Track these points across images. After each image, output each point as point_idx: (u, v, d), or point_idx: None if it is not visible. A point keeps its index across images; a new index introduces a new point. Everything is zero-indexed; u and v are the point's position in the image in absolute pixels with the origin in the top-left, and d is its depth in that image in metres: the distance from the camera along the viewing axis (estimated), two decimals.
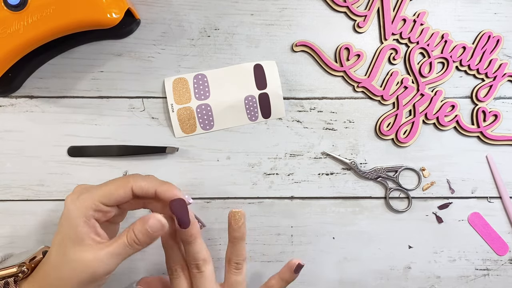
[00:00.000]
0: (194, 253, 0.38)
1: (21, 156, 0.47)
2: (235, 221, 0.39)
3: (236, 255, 0.39)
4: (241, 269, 0.40)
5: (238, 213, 0.39)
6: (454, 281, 0.49)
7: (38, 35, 0.40)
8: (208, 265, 0.38)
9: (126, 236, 0.35)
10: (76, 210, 0.35)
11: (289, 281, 0.40)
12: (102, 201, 0.35)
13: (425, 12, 0.48)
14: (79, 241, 0.35)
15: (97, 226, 0.36)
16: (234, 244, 0.39)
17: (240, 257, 0.39)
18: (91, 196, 0.35)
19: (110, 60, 0.48)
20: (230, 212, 0.39)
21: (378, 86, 0.48)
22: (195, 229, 0.37)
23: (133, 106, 0.48)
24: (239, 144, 0.48)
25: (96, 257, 0.34)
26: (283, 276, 0.40)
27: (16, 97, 0.47)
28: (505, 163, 0.49)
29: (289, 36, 0.49)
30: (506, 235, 0.49)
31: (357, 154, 0.49)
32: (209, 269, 0.39)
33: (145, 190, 0.36)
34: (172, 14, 0.48)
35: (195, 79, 0.48)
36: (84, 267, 0.34)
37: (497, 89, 0.49)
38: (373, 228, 0.49)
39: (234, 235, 0.39)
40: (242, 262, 0.39)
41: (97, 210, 0.35)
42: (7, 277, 0.36)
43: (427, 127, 0.49)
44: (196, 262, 0.38)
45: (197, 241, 0.38)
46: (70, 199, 0.36)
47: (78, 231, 0.35)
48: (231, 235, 0.39)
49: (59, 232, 0.36)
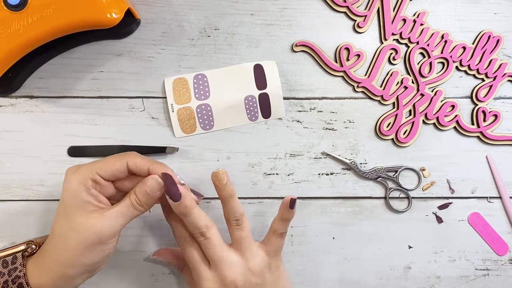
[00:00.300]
0: (194, 223, 0.38)
1: (21, 156, 0.47)
2: (218, 181, 0.39)
3: (233, 213, 0.40)
4: (242, 225, 0.40)
5: (219, 173, 0.39)
6: (454, 281, 0.49)
7: (38, 35, 0.40)
8: (212, 230, 0.39)
9: (129, 197, 0.37)
10: (76, 180, 0.36)
11: (290, 219, 0.41)
12: (99, 172, 0.37)
13: (425, 12, 0.48)
14: (82, 207, 0.36)
15: (99, 195, 0.37)
16: (226, 203, 0.40)
17: (236, 214, 0.40)
18: (89, 168, 0.37)
19: (110, 60, 0.48)
20: (212, 174, 0.39)
21: (378, 86, 0.48)
22: (187, 201, 0.38)
23: (133, 106, 0.48)
24: (239, 144, 0.48)
25: (100, 217, 0.36)
26: (283, 216, 0.41)
27: (16, 97, 0.47)
28: (505, 163, 0.49)
29: (289, 36, 0.49)
30: (506, 235, 0.49)
31: (357, 154, 0.49)
32: (214, 233, 0.39)
33: (139, 166, 0.38)
34: (172, 14, 0.48)
35: (195, 79, 0.48)
36: (89, 229, 0.36)
37: (497, 89, 0.49)
38: (373, 228, 0.49)
39: (222, 194, 0.40)
40: (240, 217, 0.40)
41: (94, 180, 0.37)
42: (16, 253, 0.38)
43: (427, 127, 0.49)
44: (199, 230, 0.39)
45: (193, 211, 0.38)
46: (70, 170, 0.38)
47: (80, 198, 0.36)
48: (220, 195, 0.40)
49: (62, 203, 0.37)
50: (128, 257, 0.47)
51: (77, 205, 0.36)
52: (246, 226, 0.41)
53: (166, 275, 0.47)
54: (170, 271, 0.47)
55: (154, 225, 0.47)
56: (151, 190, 0.37)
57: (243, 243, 0.40)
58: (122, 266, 0.47)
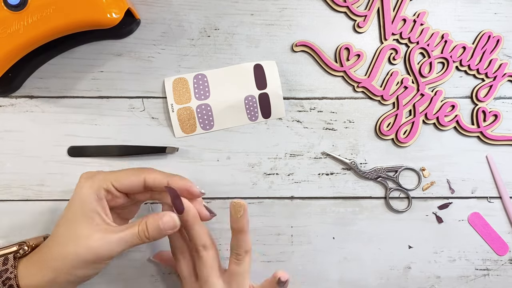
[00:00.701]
0: (193, 239, 0.39)
1: (21, 156, 0.47)
2: (234, 212, 0.39)
3: (237, 247, 0.40)
4: (241, 260, 0.40)
5: (238, 204, 0.39)
6: (454, 281, 0.49)
7: (38, 35, 0.40)
8: (208, 251, 0.39)
9: (138, 226, 0.36)
10: (89, 188, 0.36)
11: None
12: (113, 183, 0.37)
13: (425, 12, 0.48)
14: (89, 218, 0.35)
15: (107, 208, 0.37)
16: (234, 235, 0.40)
17: (240, 249, 0.40)
18: (105, 177, 0.37)
19: (110, 60, 0.48)
20: (231, 203, 0.39)
21: (378, 86, 0.48)
22: (190, 215, 0.38)
23: (133, 106, 0.48)
24: (239, 144, 0.48)
25: (103, 238, 0.35)
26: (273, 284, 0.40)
27: (16, 97, 0.47)
28: (505, 163, 0.49)
29: (289, 36, 0.49)
30: (506, 235, 0.49)
31: (357, 154, 0.49)
32: (209, 254, 0.39)
33: (157, 182, 0.38)
34: (172, 14, 0.48)
35: (195, 79, 0.48)
36: (90, 246, 0.35)
37: (497, 89, 0.49)
38: (373, 228, 0.49)
39: (233, 226, 0.39)
40: (243, 253, 0.40)
41: (107, 190, 0.36)
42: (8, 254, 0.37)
43: (427, 127, 0.49)
44: (196, 247, 0.39)
45: (195, 227, 0.38)
46: (85, 177, 0.37)
47: (89, 208, 0.36)
48: (231, 226, 0.40)
49: (70, 208, 0.37)
50: (128, 257, 0.47)
51: (83, 214, 0.36)
52: (245, 263, 0.40)
53: (166, 275, 0.47)
54: (170, 271, 0.47)
55: None
56: (165, 227, 0.36)
57: (235, 279, 0.40)
58: (122, 266, 0.47)
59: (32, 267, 0.36)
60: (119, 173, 0.38)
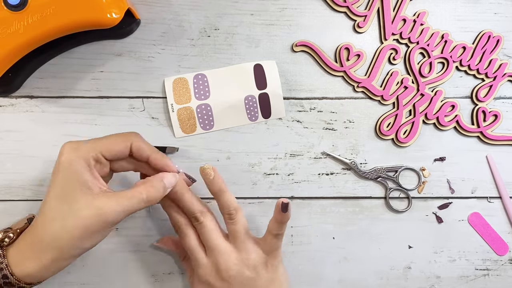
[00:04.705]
0: (187, 208, 0.39)
1: (21, 156, 0.47)
2: (205, 176, 0.40)
3: (226, 207, 0.40)
4: (235, 219, 0.40)
5: (206, 168, 0.40)
6: (454, 281, 0.49)
7: (38, 35, 0.40)
8: (206, 216, 0.40)
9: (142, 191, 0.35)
10: (78, 159, 0.34)
11: (285, 221, 0.40)
12: (102, 152, 0.35)
13: (425, 12, 0.48)
14: (86, 189, 0.34)
15: (99, 178, 0.36)
16: (218, 197, 0.41)
17: (230, 208, 0.40)
18: (93, 147, 0.35)
19: (110, 60, 0.48)
20: (199, 169, 0.40)
21: (378, 86, 0.48)
22: (178, 185, 0.38)
23: (133, 106, 0.48)
24: (239, 144, 0.48)
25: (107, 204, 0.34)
26: (276, 218, 0.40)
27: (16, 97, 0.47)
28: (505, 163, 0.49)
29: (289, 36, 0.49)
30: (506, 235, 0.49)
31: (357, 154, 0.49)
32: (208, 219, 0.40)
33: (141, 151, 0.37)
34: (172, 14, 0.48)
35: (195, 79, 0.48)
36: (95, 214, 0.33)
37: (497, 89, 0.49)
38: (373, 228, 0.49)
39: (211, 189, 0.40)
40: (234, 212, 0.40)
41: (97, 160, 0.35)
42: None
43: (427, 127, 0.49)
44: (193, 215, 0.39)
45: (185, 196, 0.39)
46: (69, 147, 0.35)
47: (84, 179, 0.34)
48: (210, 190, 0.40)
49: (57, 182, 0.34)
50: (129, 257, 0.47)
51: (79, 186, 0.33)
52: (240, 220, 0.41)
53: (166, 275, 0.47)
54: (170, 271, 0.47)
55: (154, 225, 0.47)
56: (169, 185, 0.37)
57: (237, 237, 0.41)
58: (122, 266, 0.47)
59: (26, 252, 0.34)
60: (106, 140, 0.36)
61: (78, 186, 0.34)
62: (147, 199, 0.35)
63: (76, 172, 0.34)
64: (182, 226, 0.41)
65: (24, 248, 0.35)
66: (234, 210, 0.40)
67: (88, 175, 0.34)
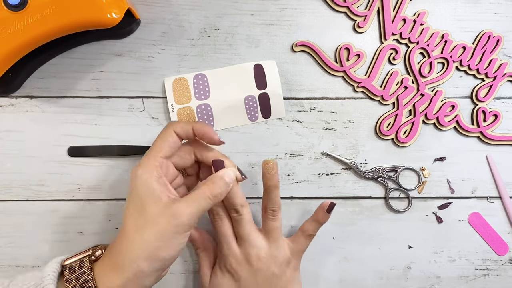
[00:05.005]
0: (231, 199, 0.40)
1: (21, 156, 0.47)
2: (267, 170, 0.41)
3: (272, 203, 0.42)
4: (277, 216, 0.42)
5: (270, 162, 0.41)
6: (454, 281, 0.49)
7: (38, 35, 0.40)
8: (246, 209, 0.42)
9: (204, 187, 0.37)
10: (146, 173, 0.36)
11: (322, 222, 0.43)
12: (160, 154, 0.37)
13: (425, 12, 0.48)
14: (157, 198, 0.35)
15: (168, 185, 0.37)
16: (269, 192, 0.42)
17: (275, 205, 0.42)
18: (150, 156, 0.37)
19: (110, 60, 0.48)
20: (263, 162, 0.42)
21: (378, 86, 0.48)
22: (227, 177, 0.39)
23: (133, 106, 0.48)
24: (239, 144, 0.48)
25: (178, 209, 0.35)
26: (316, 217, 0.43)
27: (16, 97, 0.47)
28: (505, 163, 0.49)
29: (289, 36, 0.49)
30: (506, 235, 0.49)
31: (357, 154, 0.49)
32: (247, 212, 0.42)
33: (184, 130, 0.38)
34: (172, 14, 0.48)
35: (195, 79, 0.48)
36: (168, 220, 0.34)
37: (497, 89, 0.49)
38: (373, 228, 0.49)
39: (268, 183, 0.42)
40: (277, 209, 0.42)
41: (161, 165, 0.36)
42: (83, 258, 0.36)
43: (427, 127, 0.49)
44: (234, 207, 0.41)
45: (234, 188, 0.40)
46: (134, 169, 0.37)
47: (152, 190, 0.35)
48: (266, 184, 0.42)
49: (135, 198, 0.35)
50: None
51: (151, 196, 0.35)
52: (279, 218, 0.43)
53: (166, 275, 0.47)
54: (170, 271, 0.47)
55: None
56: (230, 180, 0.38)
57: (273, 233, 0.42)
58: None
59: (110, 266, 0.35)
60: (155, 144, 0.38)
61: (148, 198, 0.35)
62: (212, 197, 0.37)
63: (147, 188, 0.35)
64: (221, 212, 0.42)
65: (108, 263, 0.36)
66: (278, 208, 0.42)
67: (156, 185, 0.35)
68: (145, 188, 0.35)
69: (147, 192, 0.35)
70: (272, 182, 0.41)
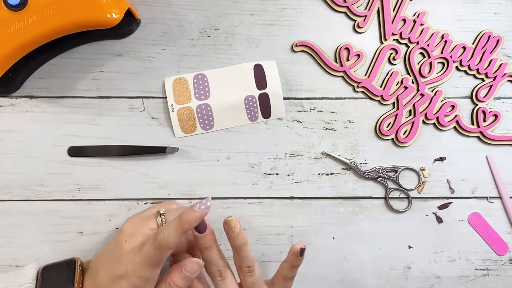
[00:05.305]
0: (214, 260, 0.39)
1: (21, 156, 0.47)
2: (231, 230, 0.39)
3: (246, 260, 0.40)
4: (254, 271, 0.40)
5: (232, 221, 0.39)
6: (454, 281, 0.49)
7: (38, 35, 0.40)
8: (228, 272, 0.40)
9: (164, 282, 0.37)
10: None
11: (298, 265, 0.41)
12: (156, 263, 0.37)
13: (425, 12, 0.48)
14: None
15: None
16: (239, 251, 0.39)
17: (249, 261, 0.40)
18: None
19: (110, 60, 0.48)
20: (224, 222, 0.39)
21: (378, 86, 0.48)
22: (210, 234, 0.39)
23: (133, 106, 0.48)
24: (239, 144, 0.48)
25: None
26: (291, 262, 0.40)
27: (16, 97, 0.47)
28: (505, 163, 0.49)
29: (289, 36, 0.49)
30: (506, 235, 0.49)
31: (357, 154, 0.49)
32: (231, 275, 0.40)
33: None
34: (172, 14, 0.48)
35: (195, 79, 0.48)
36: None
37: (497, 89, 0.49)
38: (373, 228, 0.49)
39: (234, 243, 0.39)
40: (252, 264, 0.40)
41: (145, 278, 0.37)
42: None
43: (427, 127, 0.49)
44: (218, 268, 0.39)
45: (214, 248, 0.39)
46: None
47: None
48: (233, 244, 0.39)
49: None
50: None
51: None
52: (257, 271, 0.40)
53: None
54: None
55: None
56: (191, 273, 0.37)
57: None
58: None
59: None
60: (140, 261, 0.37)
61: None
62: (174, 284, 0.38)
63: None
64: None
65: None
66: (253, 262, 0.40)
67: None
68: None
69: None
70: (239, 241, 0.39)
